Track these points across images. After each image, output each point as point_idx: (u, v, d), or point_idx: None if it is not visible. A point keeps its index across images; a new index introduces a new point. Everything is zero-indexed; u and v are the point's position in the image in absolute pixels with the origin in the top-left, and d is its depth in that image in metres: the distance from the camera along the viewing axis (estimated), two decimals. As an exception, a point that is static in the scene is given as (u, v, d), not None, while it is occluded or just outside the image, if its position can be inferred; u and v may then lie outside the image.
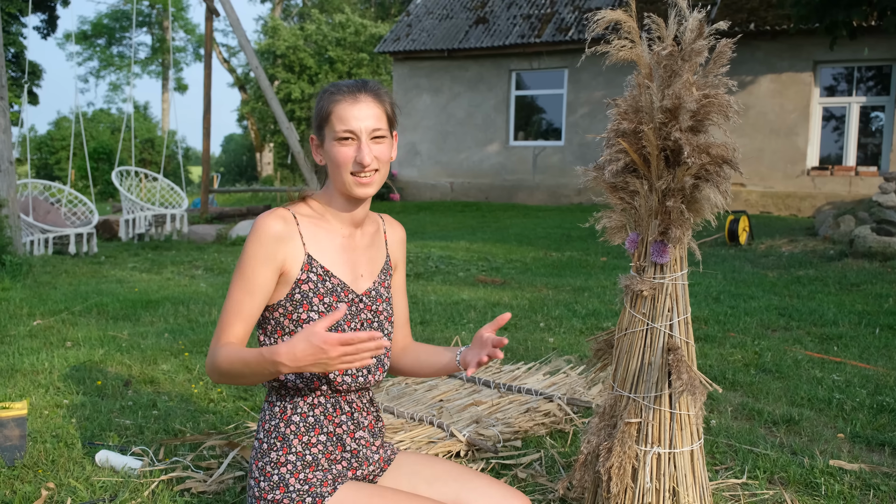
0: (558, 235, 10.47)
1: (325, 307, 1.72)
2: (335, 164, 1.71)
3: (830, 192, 13.87)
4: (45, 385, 3.40)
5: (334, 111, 1.70)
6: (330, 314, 1.48)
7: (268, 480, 1.69)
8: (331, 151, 1.72)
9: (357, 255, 1.80)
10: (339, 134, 1.70)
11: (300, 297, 1.71)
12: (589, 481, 2.16)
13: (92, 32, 39.64)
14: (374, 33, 27.76)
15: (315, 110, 1.76)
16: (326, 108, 1.71)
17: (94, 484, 2.35)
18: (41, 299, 5.58)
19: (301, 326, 1.71)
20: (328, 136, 1.72)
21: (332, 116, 1.70)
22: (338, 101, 1.71)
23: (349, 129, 1.69)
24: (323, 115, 1.72)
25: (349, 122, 1.69)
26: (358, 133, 1.70)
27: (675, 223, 1.97)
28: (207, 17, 12.39)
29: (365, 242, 1.83)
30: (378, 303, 1.81)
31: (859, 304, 5.47)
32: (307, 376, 1.71)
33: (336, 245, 1.76)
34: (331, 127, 1.71)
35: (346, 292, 1.75)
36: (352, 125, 1.69)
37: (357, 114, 1.70)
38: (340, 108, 1.70)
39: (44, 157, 32.37)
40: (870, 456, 2.69)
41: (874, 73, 14.22)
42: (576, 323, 4.82)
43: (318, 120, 1.74)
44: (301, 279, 1.71)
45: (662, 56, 1.95)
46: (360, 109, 1.70)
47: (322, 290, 1.72)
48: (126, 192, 10.43)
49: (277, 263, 1.68)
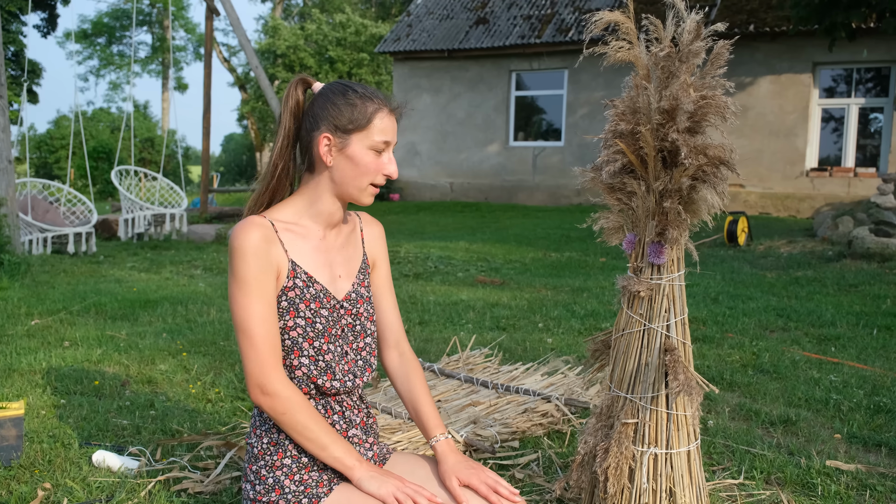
0: (558, 236, 10.47)
1: (312, 312, 1.70)
2: (359, 171, 1.69)
3: (829, 193, 13.88)
4: (42, 385, 3.40)
5: (376, 119, 1.69)
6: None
7: (263, 484, 1.69)
8: (359, 157, 1.68)
9: (332, 256, 1.78)
10: (377, 144, 1.69)
11: (287, 305, 1.69)
12: (586, 482, 2.16)
13: (92, 31, 39.66)
14: (374, 33, 27.78)
15: (343, 111, 1.68)
16: (367, 115, 1.68)
17: (90, 484, 2.35)
18: (39, 299, 5.58)
19: (287, 333, 1.69)
20: (358, 141, 1.68)
21: (374, 125, 1.68)
22: (380, 110, 1.69)
23: (388, 142, 1.70)
24: (361, 120, 1.68)
25: (389, 133, 1.70)
26: (391, 146, 1.72)
27: (672, 224, 1.97)
28: (208, 16, 12.39)
29: (340, 242, 1.81)
30: (359, 304, 1.80)
31: (857, 304, 5.47)
32: (295, 383, 1.70)
33: (311, 248, 1.74)
34: (368, 134, 1.68)
35: (329, 298, 1.73)
36: (390, 137, 1.70)
37: (393, 127, 1.72)
38: (381, 119, 1.69)
39: (43, 156, 32.37)
40: (866, 456, 2.69)
41: (873, 74, 14.23)
42: (574, 323, 4.82)
43: (350, 123, 1.68)
44: (288, 286, 1.69)
45: (660, 57, 1.95)
46: (394, 123, 1.72)
47: (307, 295, 1.70)
48: (125, 192, 10.43)
49: (274, 268, 1.67)
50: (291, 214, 1.74)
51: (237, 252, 1.64)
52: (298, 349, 1.70)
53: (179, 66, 41.89)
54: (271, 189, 1.75)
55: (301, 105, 1.75)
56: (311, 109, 1.72)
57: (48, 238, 8.80)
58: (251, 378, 1.63)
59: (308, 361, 1.70)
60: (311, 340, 1.70)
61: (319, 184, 1.73)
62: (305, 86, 1.77)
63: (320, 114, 1.70)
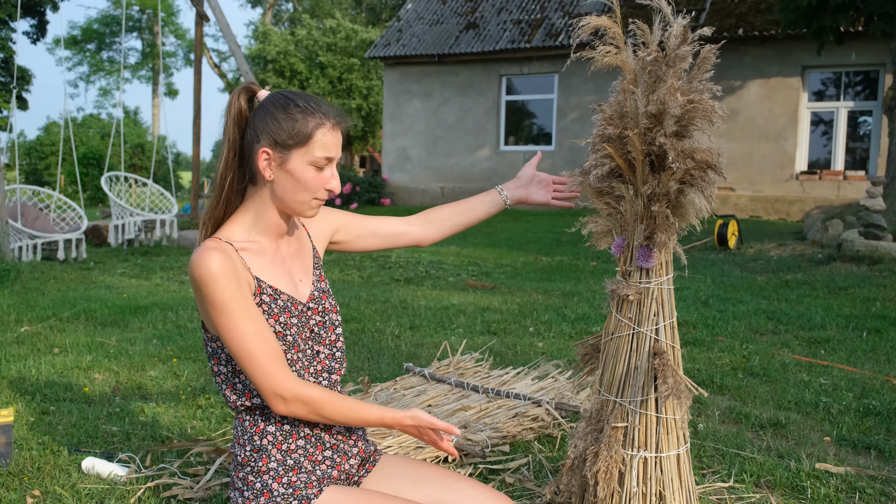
0: (549, 240, 10.49)
1: (281, 326, 1.69)
2: (300, 186, 1.66)
3: (819, 196, 13.95)
4: (31, 392, 3.38)
5: (317, 134, 1.65)
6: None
7: (251, 489, 1.69)
8: (299, 173, 1.65)
9: (289, 264, 1.77)
10: (318, 160, 1.66)
11: None
12: (576, 486, 2.16)
13: (82, 37, 39.59)
14: (364, 38, 27.78)
15: (283, 126, 1.64)
16: (308, 130, 1.64)
17: (79, 491, 2.33)
18: (29, 305, 5.55)
19: None
20: (298, 156, 1.65)
21: (314, 141, 1.65)
22: (322, 124, 1.66)
23: (330, 157, 1.68)
24: (301, 136, 1.64)
25: (331, 149, 1.67)
26: (333, 161, 1.69)
27: (660, 228, 1.98)
28: (197, 21, 12.38)
29: (293, 249, 1.80)
30: (323, 300, 1.80)
31: (847, 307, 5.50)
32: None
33: (268, 262, 1.72)
34: (308, 150, 1.65)
35: (296, 305, 1.73)
36: (332, 153, 1.68)
37: (336, 142, 1.69)
38: (323, 134, 1.66)
39: (33, 163, 32.25)
40: (856, 459, 2.71)
41: (862, 77, 14.32)
42: (565, 327, 4.83)
43: (288, 137, 1.64)
44: (256, 303, 1.67)
45: (647, 62, 1.96)
46: (338, 137, 1.69)
47: (276, 309, 1.69)
48: (115, 198, 10.40)
49: (246, 283, 1.65)
50: (242, 232, 1.71)
51: (206, 280, 1.58)
52: None
53: (170, 72, 41.87)
54: (224, 201, 1.71)
55: (244, 114, 1.70)
56: (252, 121, 1.68)
57: (38, 245, 8.76)
58: (267, 394, 1.62)
59: None
60: (283, 352, 1.70)
61: (263, 197, 1.70)
62: (250, 94, 1.72)
63: (260, 127, 1.65)
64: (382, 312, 5.35)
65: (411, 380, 3.43)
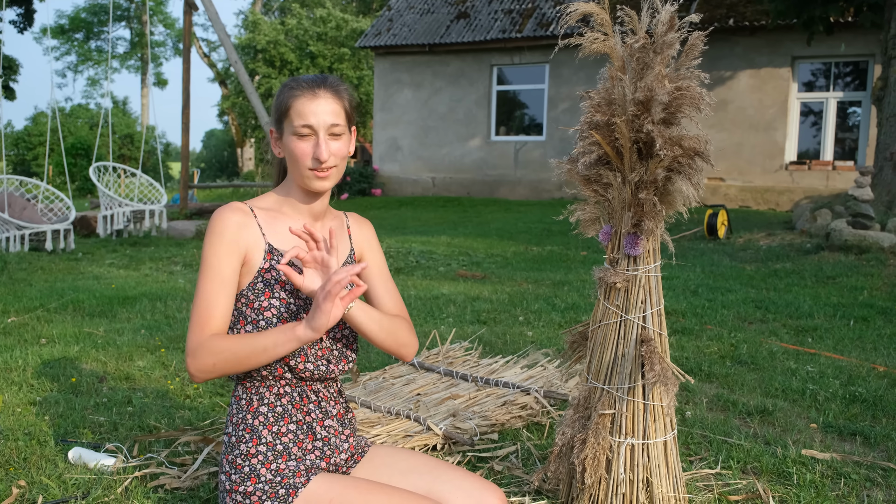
0: (539, 230, 10.49)
1: (287, 293, 1.73)
2: (293, 158, 1.73)
3: (808, 186, 14.00)
4: (18, 382, 3.36)
5: (293, 105, 1.72)
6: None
7: (238, 473, 1.69)
8: (289, 145, 1.73)
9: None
10: (297, 129, 1.71)
11: (263, 286, 1.72)
12: (564, 473, 2.17)
13: (69, 26, 39.25)
14: (355, 28, 27.66)
15: (274, 103, 1.77)
16: (286, 102, 1.73)
17: (66, 481, 2.32)
18: (16, 296, 5.52)
19: (262, 315, 1.71)
20: (287, 129, 1.73)
21: (291, 111, 1.72)
22: (297, 95, 1.72)
23: (307, 125, 1.71)
24: (282, 109, 1.73)
25: (307, 117, 1.71)
26: (316, 128, 1.71)
27: (647, 215, 1.98)
28: (186, 10, 12.29)
29: (324, 234, 1.82)
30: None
31: (834, 296, 5.52)
32: (270, 365, 1.71)
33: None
34: (289, 121, 1.72)
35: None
36: (310, 120, 1.70)
37: (315, 109, 1.71)
38: (299, 103, 1.71)
39: (21, 154, 32.03)
40: (841, 445, 2.72)
41: (851, 68, 14.36)
42: (555, 316, 4.83)
43: (277, 113, 1.75)
44: (264, 268, 1.72)
45: (635, 48, 1.95)
46: (319, 105, 1.71)
47: (284, 277, 1.71)
48: (104, 188, 10.34)
49: (241, 251, 1.71)
50: (272, 202, 1.81)
51: (209, 231, 1.71)
52: None
53: (158, 62, 41.60)
54: (277, 181, 1.87)
55: None
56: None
57: (25, 235, 8.71)
58: (186, 351, 1.67)
59: None
60: (286, 321, 1.71)
61: (287, 174, 1.82)
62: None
63: (271, 110, 1.79)
64: (372, 302, 5.35)
65: (400, 368, 3.43)
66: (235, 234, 1.70)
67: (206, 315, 1.66)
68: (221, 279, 1.68)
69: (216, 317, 1.67)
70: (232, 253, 1.69)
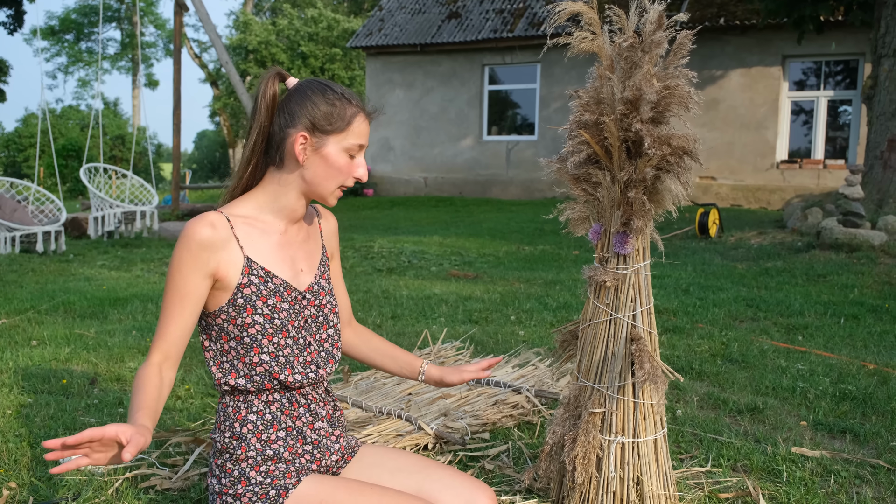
0: (531, 229, 10.51)
1: (269, 308, 1.69)
2: (333, 172, 1.69)
3: (799, 184, 14.05)
4: (9, 384, 3.35)
5: (355, 122, 1.69)
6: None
7: (228, 476, 1.68)
8: (333, 158, 1.68)
9: (294, 251, 1.77)
10: (352, 147, 1.69)
11: (243, 302, 1.67)
12: (554, 471, 2.17)
13: (60, 28, 39.06)
14: (346, 28, 27.64)
15: (323, 111, 1.67)
16: (347, 117, 1.68)
17: (57, 483, 2.32)
18: (7, 298, 5.50)
19: (246, 331, 1.68)
20: (335, 142, 1.68)
21: (352, 128, 1.69)
22: (359, 113, 1.70)
23: (363, 145, 1.72)
24: (340, 122, 1.68)
25: (365, 137, 1.72)
26: (363, 149, 1.73)
27: (636, 214, 1.99)
28: (176, 11, 12.26)
29: (301, 237, 1.80)
30: (321, 296, 1.79)
31: (825, 294, 5.55)
32: (257, 379, 1.69)
33: (272, 243, 1.72)
34: (346, 136, 1.68)
35: (289, 291, 1.72)
36: (365, 141, 1.72)
37: (368, 130, 1.73)
38: (360, 123, 1.70)
39: (11, 155, 31.90)
40: (831, 443, 2.74)
41: (841, 67, 14.41)
42: (546, 316, 4.84)
43: (327, 123, 1.67)
44: (242, 283, 1.67)
45: (623, 48, 1.96)
46: (368, 126, 1.74)
47: (265, 291, 1.69)
48: (95, 189, 10.30)
49: (208, 270, 1.64)
50: (252, 209, 1.73)
51: (177, 244, 1.65)
52: (258, 346, 1.68)
53: (149, 63, 41.43)
54: (243, 185, 1.75)
55: (276, 99, 1.72)
56: (286, 105, 1.69)
57: (16, 237, 8.67)
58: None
59: (268, 358, 1.69)
60: (271, 337, 1.69)
61: (287, 180, 1.71)
62: (280, 79, 1.74)
63: (298, 111, 1.67)
64: (364, 302, 5.35)
65: (392, 369, 3.42)
66: (202, 252, 1.63)
67: (163, 331, 1.65)
68: (182, 294, 1.64)
69: (170, 333, 1.65)
70: (196, 270, 1.63)
